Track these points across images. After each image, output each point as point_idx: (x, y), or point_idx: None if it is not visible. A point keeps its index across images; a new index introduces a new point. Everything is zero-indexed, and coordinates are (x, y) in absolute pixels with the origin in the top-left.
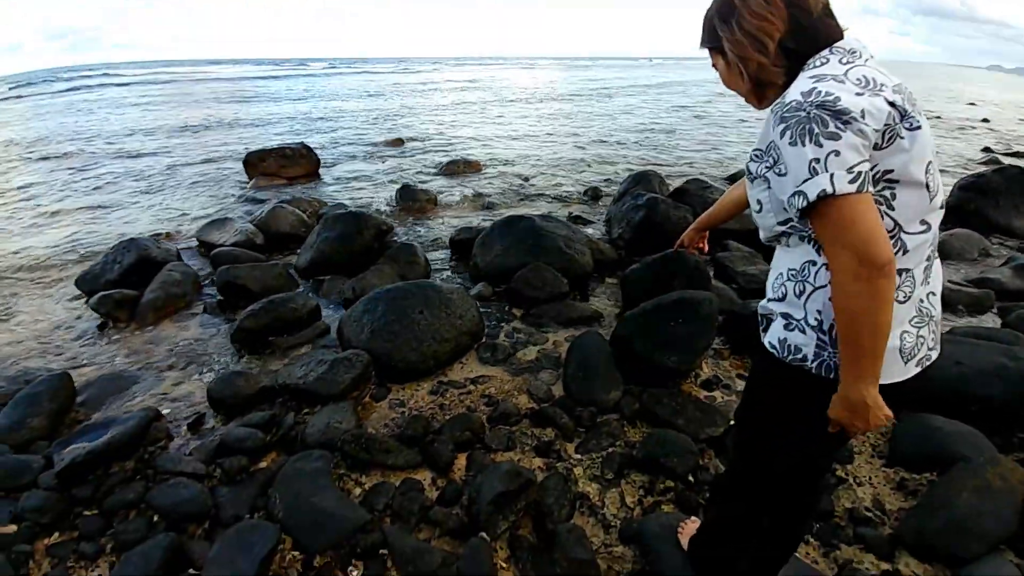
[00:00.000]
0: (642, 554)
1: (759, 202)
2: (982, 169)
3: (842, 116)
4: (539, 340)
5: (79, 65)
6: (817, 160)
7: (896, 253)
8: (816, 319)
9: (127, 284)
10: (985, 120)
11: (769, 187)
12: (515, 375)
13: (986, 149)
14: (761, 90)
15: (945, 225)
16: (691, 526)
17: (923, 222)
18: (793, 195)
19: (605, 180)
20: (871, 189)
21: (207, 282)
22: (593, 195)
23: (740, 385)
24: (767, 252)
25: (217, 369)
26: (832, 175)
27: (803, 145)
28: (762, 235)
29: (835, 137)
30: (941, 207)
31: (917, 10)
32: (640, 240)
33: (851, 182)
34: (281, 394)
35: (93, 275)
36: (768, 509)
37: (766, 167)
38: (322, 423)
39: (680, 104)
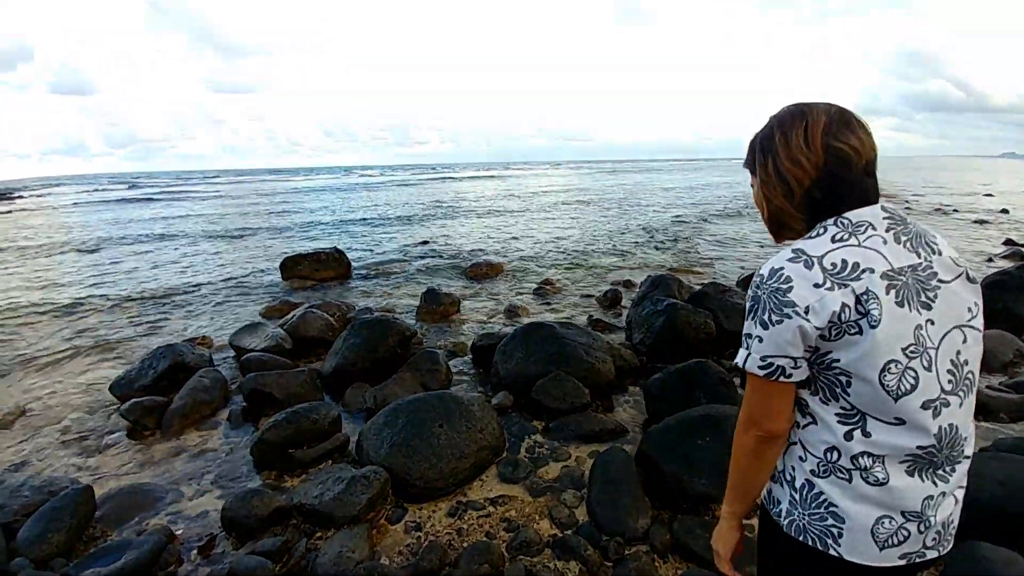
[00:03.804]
0: None
1: None
2: (1007, 265)
3: (783, 308)
4: (561, 455)
5: (140, 172)
6: (749, 336)
7: (855, 432)
8: (791, 475)
9: (160, 389)
10: (1004, 211)
11: None
12: (536, 496)
13: (1008, 242)
14: (777, 228)
15: None
16: None
17: (899, 420)
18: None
19: (624, 281)
20: (791, 378)
21: (236, 386)
22: (613, 298)
23: None
24: None
25: (234, 485)
26: (749, 355)
27: (746, 318)
28: None
29: (766, 326)
30: (936, 414)
31: (920, 107)
32: (661, 345)
33: (761, 368)
34: (296, 514)
35: (128, 380)
36: None
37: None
38: (334, 551)
39: (704, 201)
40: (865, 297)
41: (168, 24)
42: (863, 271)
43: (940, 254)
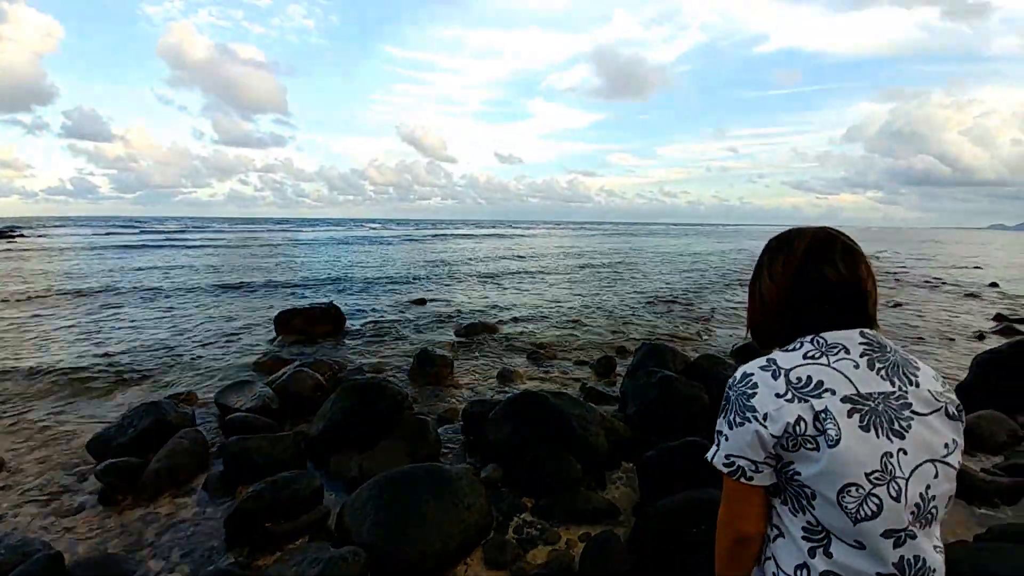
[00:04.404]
0: None
1: None
2: (997, 341)
3: (745, 412)
4: (551, 537)
5: (148, 216)
6: (719, 432)
7: (818, 550)
8: None
9: (138, 449)
10: (994, 284)
11: None
12: None
13: (998, 317)
14: (757, 337)
15: (971, 407)
16: None
17: (859, 543)
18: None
19: (619, 348)
20: (752, 481)
21: (215, 448)
22: (607, 365)
23: None
24: None
25: (203, 562)
26: (717, 451)
27: (719, 415)
28: None
29: (731, 426)
30: (899, 544)
31: (905, 181)
32: (655, 418)
33: (725, 466)
34: None
35: (106, 438)
36: None
37: None
38: None
39: (700, 267)
40: (823, 415)
41: (187, 79)
42: (825, 390)
43: (918, 386)
